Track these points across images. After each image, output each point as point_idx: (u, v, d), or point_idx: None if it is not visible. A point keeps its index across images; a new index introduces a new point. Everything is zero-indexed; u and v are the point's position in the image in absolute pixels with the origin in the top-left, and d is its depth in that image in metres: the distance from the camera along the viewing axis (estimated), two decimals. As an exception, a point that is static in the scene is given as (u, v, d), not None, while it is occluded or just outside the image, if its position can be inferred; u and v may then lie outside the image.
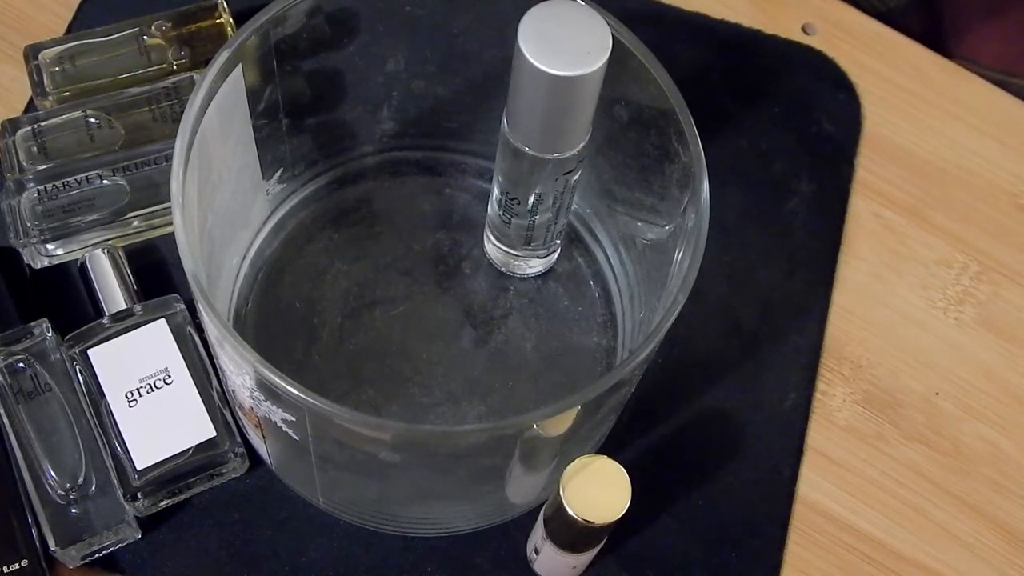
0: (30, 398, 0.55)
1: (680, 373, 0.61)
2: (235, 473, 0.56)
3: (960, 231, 0.67)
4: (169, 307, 0.57)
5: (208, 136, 0.49)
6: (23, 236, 0.58)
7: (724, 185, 0.64)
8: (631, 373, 0.47)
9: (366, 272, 0.61)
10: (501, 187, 0.56)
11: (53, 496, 0.54)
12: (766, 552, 0.58)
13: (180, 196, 0.46)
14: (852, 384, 0.62)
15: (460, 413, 0.58)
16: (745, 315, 0.63)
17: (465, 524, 0.57)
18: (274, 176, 0.60)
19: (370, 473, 0.53)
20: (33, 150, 0.60)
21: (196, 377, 0.55)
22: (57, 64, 0.63)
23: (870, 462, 0.61)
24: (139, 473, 0.54)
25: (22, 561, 0.53)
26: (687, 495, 0.59)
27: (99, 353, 0.55)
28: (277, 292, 0.61)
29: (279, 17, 0.51)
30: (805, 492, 0.60)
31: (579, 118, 0.50)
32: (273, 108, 0.56)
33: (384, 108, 0.62)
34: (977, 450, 0.62)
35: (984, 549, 0.59)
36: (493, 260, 0.62)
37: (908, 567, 0.59)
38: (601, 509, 0.47)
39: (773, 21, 0.71)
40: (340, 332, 0.60)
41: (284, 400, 0.45)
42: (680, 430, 0.60)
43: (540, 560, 0.55)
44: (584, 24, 0.46)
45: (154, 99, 0.62)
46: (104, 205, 0.59)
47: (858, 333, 0.64)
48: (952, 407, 0.62)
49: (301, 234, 0.62)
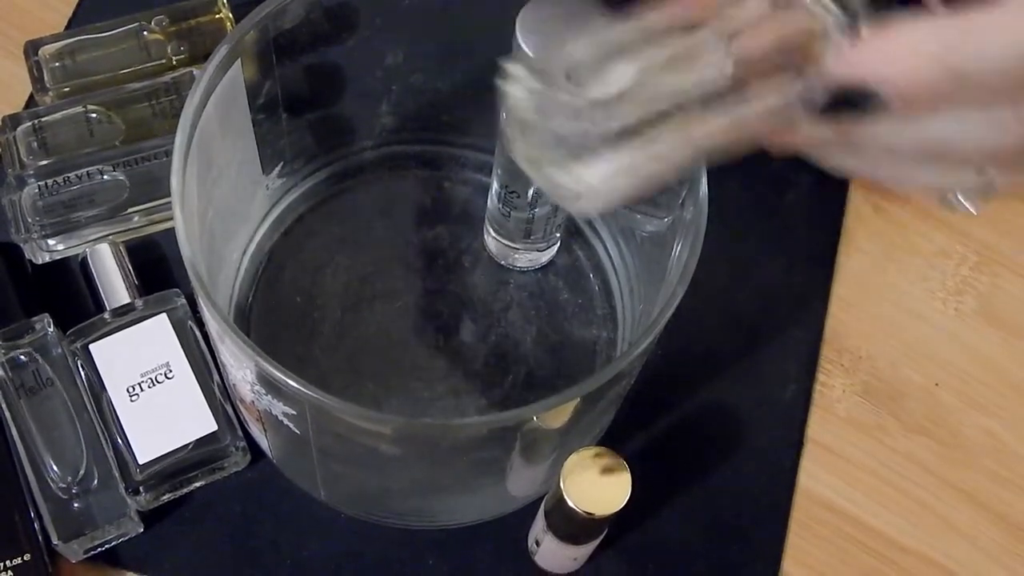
0: (32, 393, 0.55)
1: (680, 365, 0.61)
2: (236, 467, 0.57)
3: (959, 222, 0.67)
4: (170, 302, 0.57)
5: (208, 131, 0.49)
6: (24, 231, 0.58)
7: (723, 177, 0.64)
8: (631, 365, 0.47)
9: (366, 266, 0.62)
10: (500, 180, 0.56)
11: (55, 490, 0.54)
12: (766, 543, 0.58)
13: (180, 191, 0.46)
14: (852, 375, 0.62)
15: (460, 406, 0.58)
16: (745, 307, 0.63)
17: (466, 517, 0.57)
18: (274, 170, 0.60)
19: (371, 466, 0.54)
20: (34, 146, 0.60)
21: (197, 371, 0.56)
22: (57, 60, 0.63)
23: (870, 453, 0.61)
24: (141, 467, 0.54)
25: (25, 555, 0.53)
26: (687, 487, 0.59)
27: (100, 348, 0.56)
28: (277, 286, 0.61)
29: (278, 12, 0.51)
30: (805, 483, 0.60)
31: (578, 111, 0.50)
32: (272, 103, 0.56)
33: (383, 102, 0.62)
34: (977, 441, 0.62)
35: (984, 539, 0.60)
36: (493, 253, 0.62)
37: (908, 558, 0.59)
38: (601, 501, 0.48)
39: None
40: (340, 326, 0.60)
41: (285, 394, 0.45)
42: (680, 422, 0.60)
43: (541, 552, 0.55)
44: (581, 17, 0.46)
45: (154, 94, 0.62)
46: (105, 200, 0.59)
47: (858, 324, 0.64)
48: (952, 398, 0.62)
49: (301, 228, 0.62)
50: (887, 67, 0.31)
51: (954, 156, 0.35)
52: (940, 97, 0.32)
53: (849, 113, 0.33)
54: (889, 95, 0.32)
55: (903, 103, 0.32)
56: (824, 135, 0.35)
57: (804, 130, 0.35)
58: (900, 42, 0.31)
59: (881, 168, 0.37)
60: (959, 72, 0.31)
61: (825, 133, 0.35)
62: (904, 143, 0.34)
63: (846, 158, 0.37)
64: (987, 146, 0.34)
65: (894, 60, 0.31)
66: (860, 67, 0.32)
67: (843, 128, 0.34)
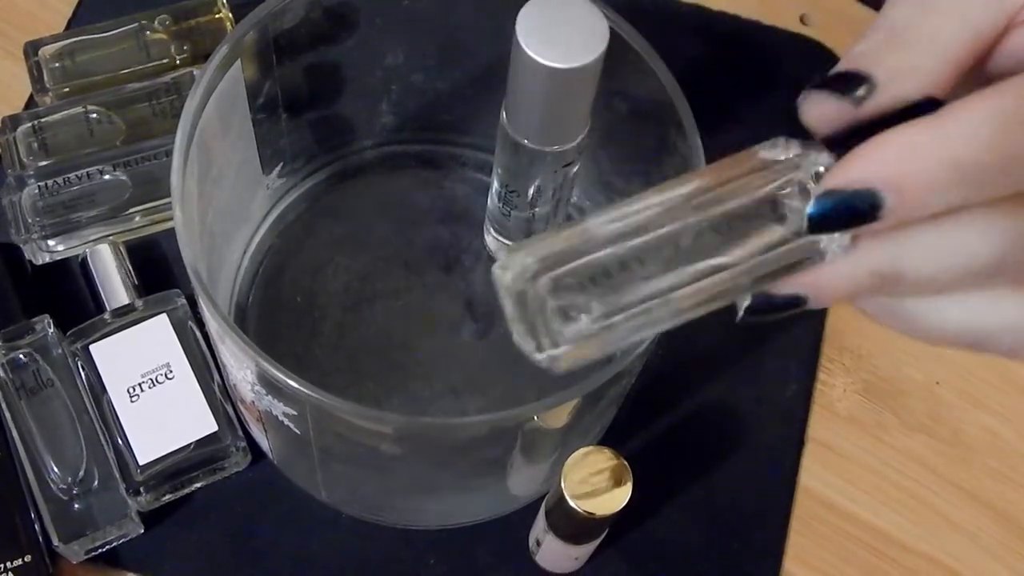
0: (32, 394, 0.55)
1: (681, 364, 0.61)
2: (237, 467, 0.57)
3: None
4: (170, 302, 0.57)
5: (208, 131, 0.49)
6: (24, 232, 0.58)
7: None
8: (631, 364, 0.47)
9: (366, 266, 0.62)
10: (501, 180, 0.56)
11: (55, 491, 0.54)
12: (768, 542, 0.58)
13: (180, 191, 0.46)
14: (853, 374, 0.62)
15: (461, 405, 0.58)
16: (745, 306, 0.63)
17: (467, 516, 0.57)
18: (274, 170, 0.60)
19: (372, 466, 0.54)
20: (34, 146, 0.60)
21: (197, 371, 0.56)
22: (57, 60, 0.63)
23: (871, 452, 0.61)
24: (141, 468, 0.54)
25: (25, 556, 0.53)
26: (688, 486, 0.59)
27: (101, 348, 0.56)
28: (278, 286, 0.61)
29: (278, 12, 0.51)
30: (806, 482, 0.60)
31: (578, 110, 0.50)
32: (272, 103, 0.56)
33: (383, 102, 0.62)
34: (978, 439, 0.62)
35: (985, 537, 0.60)
36: (493, 253, 0.62)
37: (909, 556, 0.59)
38: (602, 501, 0.48)
39: (771, 12, 0.71)
40: (341, 326, 0.60)
41: (285, 394, 0.45)
42: (681, 421, 0.60)
43: (542, 552, 0.55)
44: (581, 16, 0.46)
45: (154, 94, 0.62)
46: (105, 200, 0.59)
47: (859, 323, 0.64)
48: (953, 396, 0.62)
49: (301, 228, 0.62)
50: (886, 167, 0.29)
51: (1004, 275, 0.31)
52: (947, 192, 0.29)
53: (850, 223, 0.30)
54: (892, 197, 0.29)
55: (908, 205, 0.29)
56: (859, 276, 0.33)
57: (838, 271, 0.32)
58: (893, 140, 0.29)
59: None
60: (958, 163, 0.28)
61: (860, 274, 0.32)
62: (949, 267, 0.31)
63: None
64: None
65: (889, 159, 0.29)
66: (857, 171, 0.30)
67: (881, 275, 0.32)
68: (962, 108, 0.29)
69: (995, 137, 0.28)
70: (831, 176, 0.30)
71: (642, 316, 0.31)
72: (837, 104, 0.31)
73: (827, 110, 0.31)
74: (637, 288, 0.31)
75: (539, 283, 0.30)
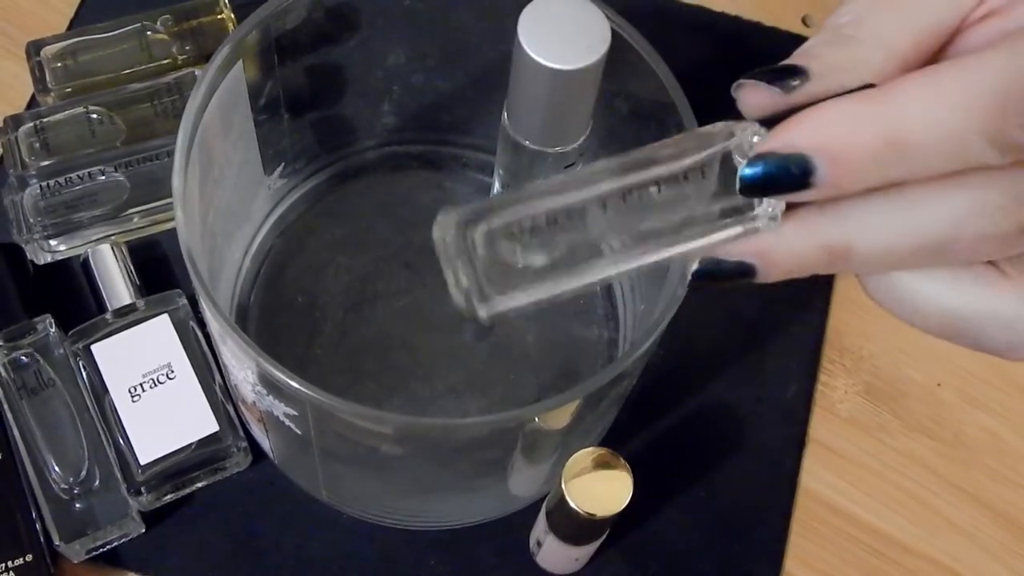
0: (33, 393, 0.55)
1: (682, 365, 0.61)
2: (238, 467, 0.57)
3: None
4: (171, 302, 0.57)
5: (209, 131, 0.49)
6: (26, 232, 0.58)
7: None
8: (633, 365, 0.47)
9: (367, 266, 0.62)
10: (502, 181, 0.56)
11: (57, 491, 0.54)
12: (768, 543, 0.58)
13: (182, 191, 0.46)
14: (854, 375, 0.62)
15: (462, 406, 0.58)
16: (746, 306, 0.63)
17: (467, 517, 0.57)
18: (275, 171, 0.60)
19: (373, 466, 0.54)
20: (35, 146, 0.60)
21: (199, 372, 0.56)
22: (59, 60, 0.63)
23: (872, 453, 0.61)
24: (142, 468, 0.54)
25: (27, 556, 0.53)
26: (689, 487, 0.59)
27: (102, 348, 0.56)
28: (279, 287, 0.61)
29: (280, 12, 0.51)
30: (807, 483, 0.60)
31: (579, 112, 0.50)
32: (274, 103, 0.56)
33: (385, 102, 0.62)
34: (979, 440, 0.62)
35: (986, 539, 0.60)
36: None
37: (910, 557, 0.59)
38: (603, 502, 0.48)
39: (773, 13, 0.71)
40: (342, 326, 0.60)
41: (286, 394, 0.45)
42: (682, 422, 0.60)
43: (543, 553, 0.55)
44: (583, 17, 0.46)
45: (156, 95, 0.62)
46: (106, 201, 0.59)
47: (860, 324, 0.64)
48: (954, 398, 0.62)
49: (303, 228, 0.62)
50: (818, 134, 0.29)
51: (958, 253, 0.31)
52: (882, 164, 0.29)
53: (782, 188, 0.30)
54: (824, 164, 0.29)
55: (840, 173, 0.29)
56: (807, 249, 0.32)
57: (785, 243, 0.32)
58: (828, 108, 0.29)
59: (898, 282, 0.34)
60: (892, 137, 0.28)
61: (808, 247, 0.32)
62: (899, 242, 0.31)
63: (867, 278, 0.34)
64: (989, 233, 0.30)
65: (823, 127, 0.29)
66: (789, 137, 0.29)
67: (825, 236, 0.31)
68: (898, 84, 0.29)
69: (929, 115, 0.28)
70: (766, 141, 0.30)
71: (569, 266, 0.32)
72: (767, 91, 0.32)
73: (759, 97, 0.32)
74: (566, 238, 0.32)
75: (474, 233, 0.31)
